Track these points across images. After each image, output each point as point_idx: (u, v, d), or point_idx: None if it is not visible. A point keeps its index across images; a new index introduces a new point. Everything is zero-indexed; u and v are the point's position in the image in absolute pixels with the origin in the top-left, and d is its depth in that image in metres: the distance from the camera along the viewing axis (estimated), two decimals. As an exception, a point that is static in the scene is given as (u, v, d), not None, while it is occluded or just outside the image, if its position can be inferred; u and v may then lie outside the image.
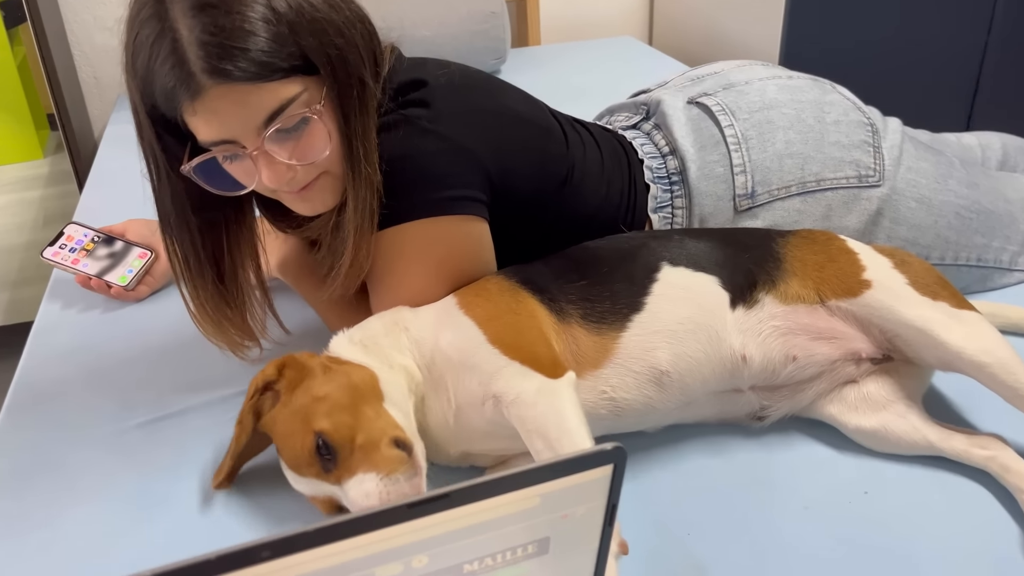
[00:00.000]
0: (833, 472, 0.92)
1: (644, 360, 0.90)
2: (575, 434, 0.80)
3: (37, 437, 1.03)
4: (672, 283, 0.94)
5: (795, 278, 0.97)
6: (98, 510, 0.92)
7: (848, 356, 0.95)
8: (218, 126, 0.85)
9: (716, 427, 0.98)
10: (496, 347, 0.87)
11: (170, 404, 1.06)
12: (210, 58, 0.81)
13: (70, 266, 1.28)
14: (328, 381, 0.86)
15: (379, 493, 0.80)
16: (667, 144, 1.16)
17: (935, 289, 0.95)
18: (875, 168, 1.13)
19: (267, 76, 0.83)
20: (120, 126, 2.04)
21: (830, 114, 1.15)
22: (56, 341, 1.23)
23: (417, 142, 0.93)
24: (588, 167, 1.09)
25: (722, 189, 1.12)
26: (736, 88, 1.19)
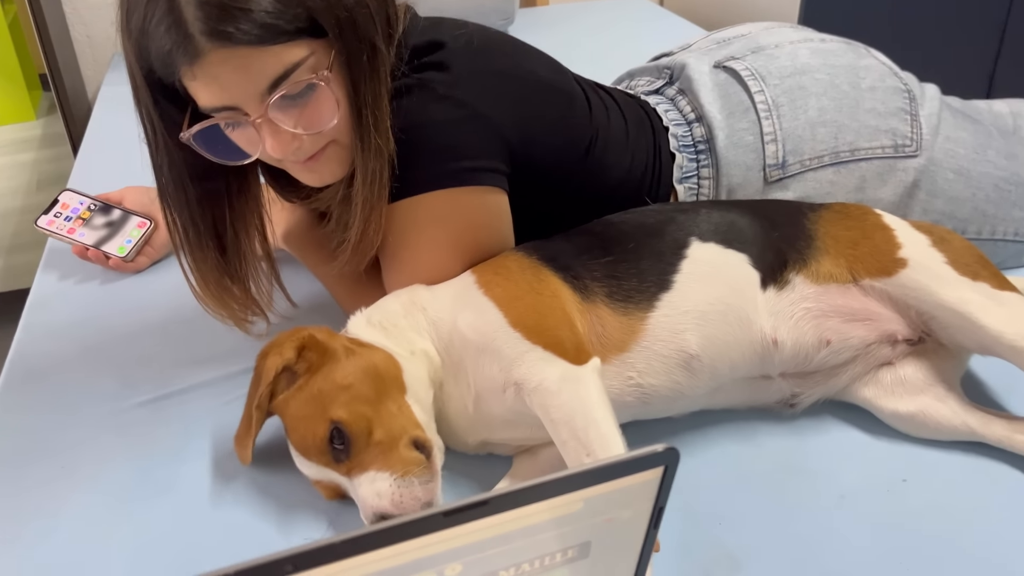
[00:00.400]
0: (869, 459, 0.88)
1: (673, 343, 0.86)
2: (602, 424, 0.77)
3: (33, 417, 0.99)
4: (702, 260, 0.90)
5: (827, 256, 0.92)
6: (97, 495, 0.88)
7: (884, 338, 0.91)
8: (219, 92, 0.80)
9: (745, 412, 0.94)
10: (517, 330, 0.82)
11: (173, 382, 1.02)
12: (209, 19, 0.75)
13: (66, 235, 1.24)
14: (351, 367, 0.81)
15: (391, 494, 0.76)
16: (693, 110, 1.10)
17: (975, 269, 0.90)
18: (912, 137, 1.07)
19: (271, 39, 0.77)
20: (115, 87, 1.97)
21: (865, 80, 1.10)
22: (52, 314, 1.18)
23: (433, 109, 0.88)
24: (612, 135, 1.04)
25: (751, 159, 1.06)
26: (766, 52, 1.13)
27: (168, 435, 0.95)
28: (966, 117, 1.13)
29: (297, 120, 0.83)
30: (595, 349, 0.84)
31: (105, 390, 1.02)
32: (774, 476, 0.87)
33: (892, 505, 0.83)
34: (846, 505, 0.83)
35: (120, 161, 1.41)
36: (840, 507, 0.83)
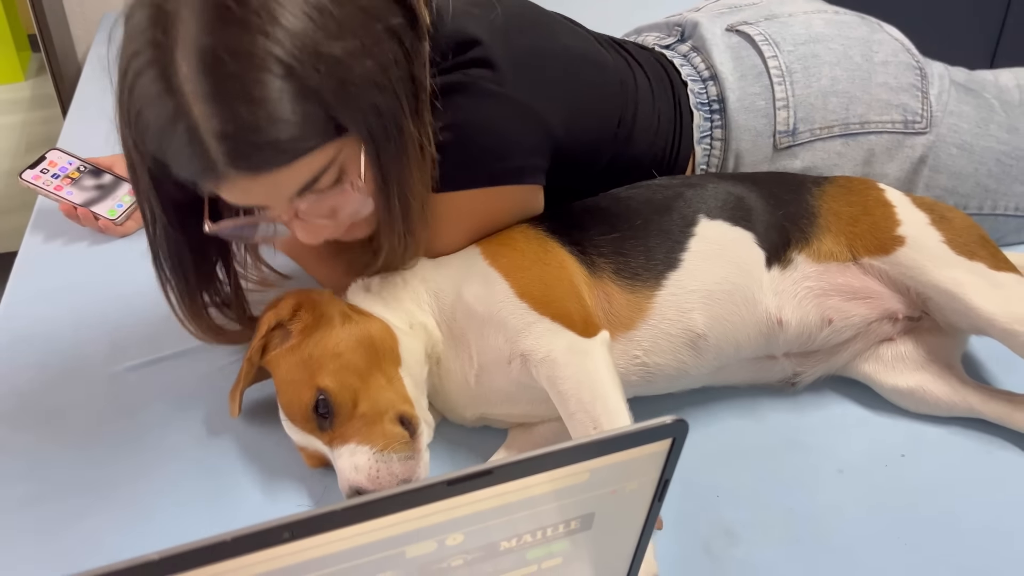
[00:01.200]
0: (868, 434, 0.88)
1: (680, 322, 0.84)
2: (610, 397, 0.75)
3: (23, 380, 0.97)
4: (709, 238, 0.88)
5: (828, 234, 0.91)
6: (87, 459, 0.87)
7: (884, 316, 0.90)
8: (245, 199, 0.77)
9: (747, 387, 0.93)
10: (524, 301, 0.81)
11: (164, 346, 1.00)
12: (234, 154, 0.70)
13: (52, 192, 1.21)
14: (345, 334, 0.80)
15: (368, 469, 0.75)
16: (707, 68, 1.08)
17: (973, 248, 0.88)
18: (922, 115, 1.06)
19: (297, 156, 0.72)
20: (104, 47, 1.93)
21: (878, 54, 1.08)
22: (40, 277, 1.16)
23: (485, 108, 0.84)
24: (641, 98, 1.01)
25: (762, 124, 1.05)
26: (779, 19, 1.11)
27: (159, 399, 0.93)
28: (968, 91, 1.11)
29: (327, 211, 0.80)
30: (602, 326, 0.83)
31: (95, 354, 1.00)
32: (773, 450, 0.86)
33: (890, 480, 0.82)
34: (844, 479, 0.82)
35: (109, 123, 1.39)
36: (838, 481, 0.82)
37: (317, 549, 0.45)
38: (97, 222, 1.20)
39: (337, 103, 0.71)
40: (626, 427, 0.48)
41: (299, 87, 0.69)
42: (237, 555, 0.42)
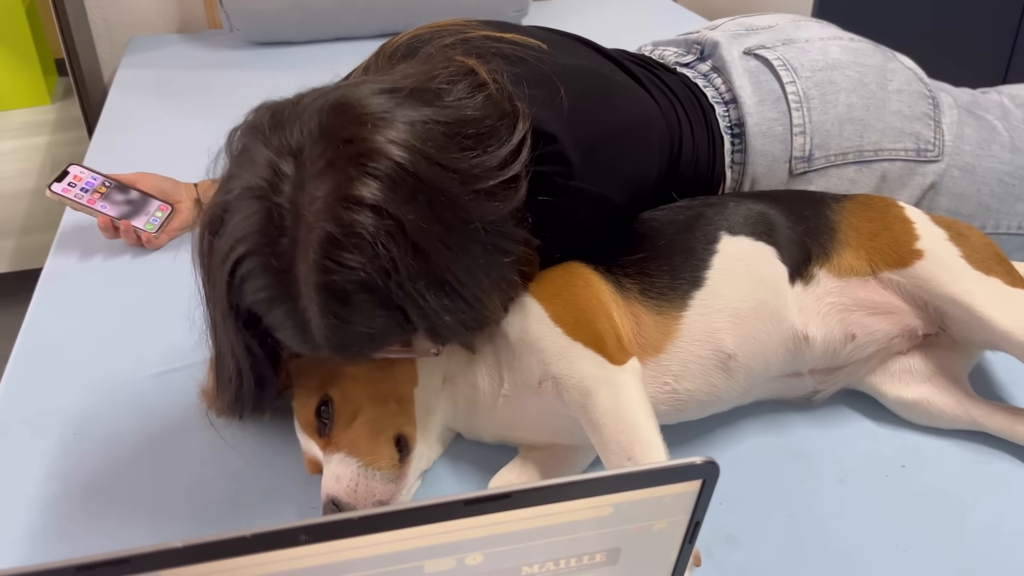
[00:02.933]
0: (870, 444, 0.89)
1: (709, 343, 0.84)
2: (644, 428, 0.76)
3: (45, 387, 1.00)
4: (732, 255, 0.89)
5: (848, 248, 0.92)
6: (108, 462, 0.89)
7: (905, 332, 0.91)
8: None
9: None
10: (559, 325, 0.81)
11: (183, 356, 1.03)
12: (332, 342, 0.72)
13: (86, 205, 1.23)
14: None
15: (349, 480, 0.77)
16: (727, 91, 1.09)
17: (989, 264, 0.89)
18: (935, 143, 1.08)
19: (378, 349, 0.76)
20: (131, 70, 1.98)
21: (892, 82, 1.10)
22: (64, 290, 1.19)
23: (560, 200, 0.85)
24: (684, 136, 1.03)
25: (779, 149, 1.06)
26: (797, 45, 1.12)
27: (178, 406, 0.96)
28: (971, 114, 1.13)
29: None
30: (633, 351, 0.83)
31: (116, 362, 1.03)
32: (775, 459, 0.87)
33: (891, 490, 0.84)
34: (845, 488, 0.84)
35: (135, 143, 1.44)
36: (839, 490, 0.84)
37: (333, 555, 0.46)
38: (137, 236, 1.23)
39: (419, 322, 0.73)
40: (652, 464, 0.47)
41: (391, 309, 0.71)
42: (254, 551, 0.44)
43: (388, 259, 0.68)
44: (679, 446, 0.89)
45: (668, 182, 1.00)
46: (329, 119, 0.71)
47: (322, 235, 0.68)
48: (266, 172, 0.70)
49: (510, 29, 0.99)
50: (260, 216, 0.70)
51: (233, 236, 0.71)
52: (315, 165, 0.69)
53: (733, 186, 1.08)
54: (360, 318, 0.71)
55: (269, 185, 0.70)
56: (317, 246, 0.68)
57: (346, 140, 0.70)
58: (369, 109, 0.72)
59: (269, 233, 0.70)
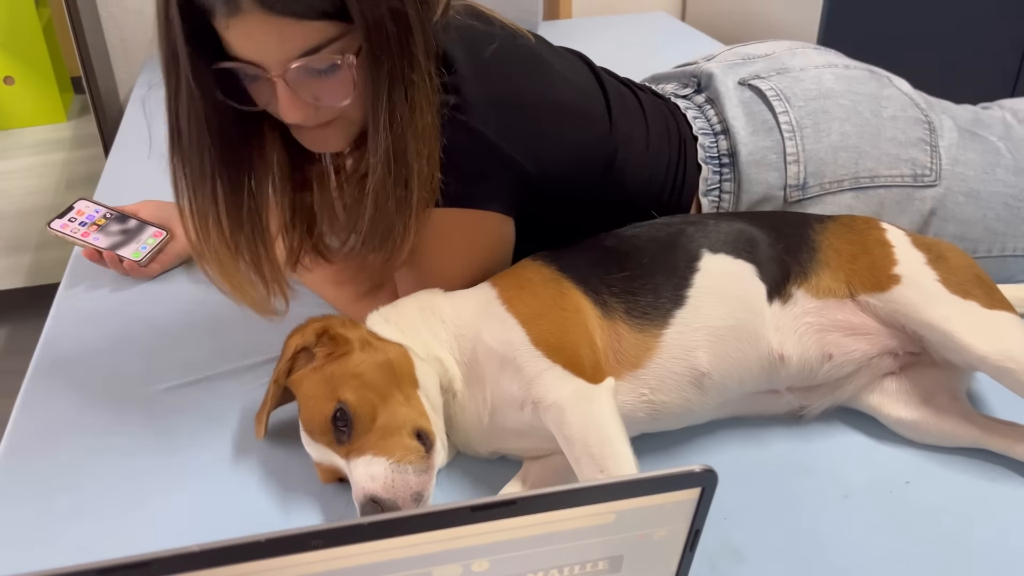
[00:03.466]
0: (874, 461, 0.90)
1: (685, 361, 0.87)
2: (616, 442, 0.77)
3: (63, 400, 1.02)
4: (713, 272, 0.90)
5: (827, 269, 0.93)
6: (124, 473, 0.91)
7: (884, 351, 0.92)
8: (249, 49, 0.82)
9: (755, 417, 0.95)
10: (539, 348, 0.83)
11: (197, 370, 1.05)
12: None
13: (79, 239, 1.24)
14: (366, 356, 0.84)
15: (384, 478, 0.78)
16: (720, 122, 1.11)
17: (967, 287, 0.90)
18: (931, 167, 1.08)
19: (309, 15, 0.79)
20: (146, 89, 2.02)
21: (887, 109, 1.11)
22: (81, 306, 1.21)
23: (456, 136, 0.88)
24: (633, 146, 1.04)
25: (773, 177, 1.08)
26: (791, 74, 1.14)
27: (192, 418, 0.98)
28: (974, 136, 1.14)
29: (314, 92, 0.84)
30: (610, 365, 0.85)
31: (131, 376, 1.05)
32: (780, 475, 0.88)
33: (895, 506, 0.84)
34: (849, 504, 0.85)
35: (149, 162, 1.45)
36: (843, 506, 0.84)
37: (344, 560, 0.47)
38: (122, 264, 1.23)
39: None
40: (653, 472, 0.49)
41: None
42: (268, 556, 0.46)
43: None
44: (683, 461, 0.90)
45: (613, 192, 1.02)
46: None
47: None
48: None
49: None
50: None
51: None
52: None
53: (724, 210, 1.10)
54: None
55: None
56: None
57: None
58: None
59: None
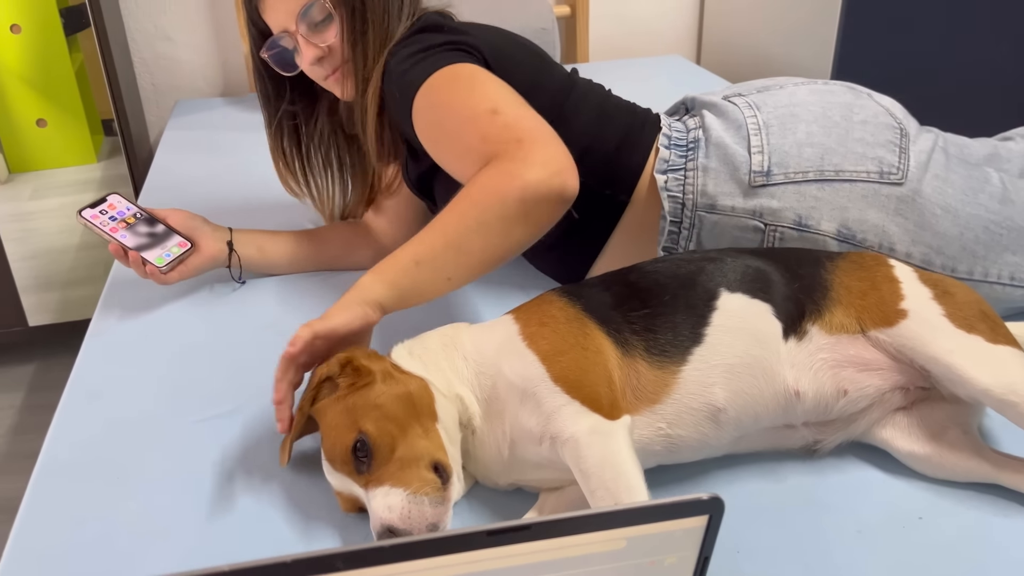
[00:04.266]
0: (887, 496, 0.91)
1: (702, 396, 0.89)
2: (631, 476, 0.79)
3: (93, 431, 1.05)
4: (730, 311, 0.92)
5: (839, 306, 0.95)
6: (153, 503, 0.94)
7: (897, 386, 0.93)
8: (275, 18, 1.22)
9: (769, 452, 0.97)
10: (558, 385, 0.85)
11: (223, 403, 1.08)
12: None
13: (107, 232, 1.26)
14: (387, 388, 0.87)
15: (401, 508, 0.80)
16: (697, 124, 1.20)
17: (972, 322, 0.91)
18: (899, 167, 1.12)
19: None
20: (176, 131, 2.09)
21: (858, 115, 1.15)
22: (111, 341, 1.25)
23: (414, 43, 1.14)
24: (586, 97, 1.22)
25: (738, 161, 1.13)
26: (769, 91, 1.22)
27: (220, 450, 1.01)
28: (962, 162, 1.17)
29: (318, 37, 1.20)
30: (628, 400, 0.87)
31: (160, 409, 1.08)
32: (793, 510, 0.89)
33: (908, 541, 0.85)
34: (863, 539, 0.85)
35: (179, 200, 1.51)
36: (856, 541, 0.85)
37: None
38: (144, 267, 1.25)
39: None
40: (662, 499, 0.50)
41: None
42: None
43: None
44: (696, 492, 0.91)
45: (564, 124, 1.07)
46: None
47: None
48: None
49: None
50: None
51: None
52: None
53: (690, 192, 1.15)
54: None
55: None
56: None
57: None
58: None
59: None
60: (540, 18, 2.16)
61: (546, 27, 2.16)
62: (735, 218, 1.14)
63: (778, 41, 2.34)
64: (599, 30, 2.63)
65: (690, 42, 2.75)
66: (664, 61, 2.54)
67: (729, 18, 2.56)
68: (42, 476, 0.99)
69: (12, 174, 2.36)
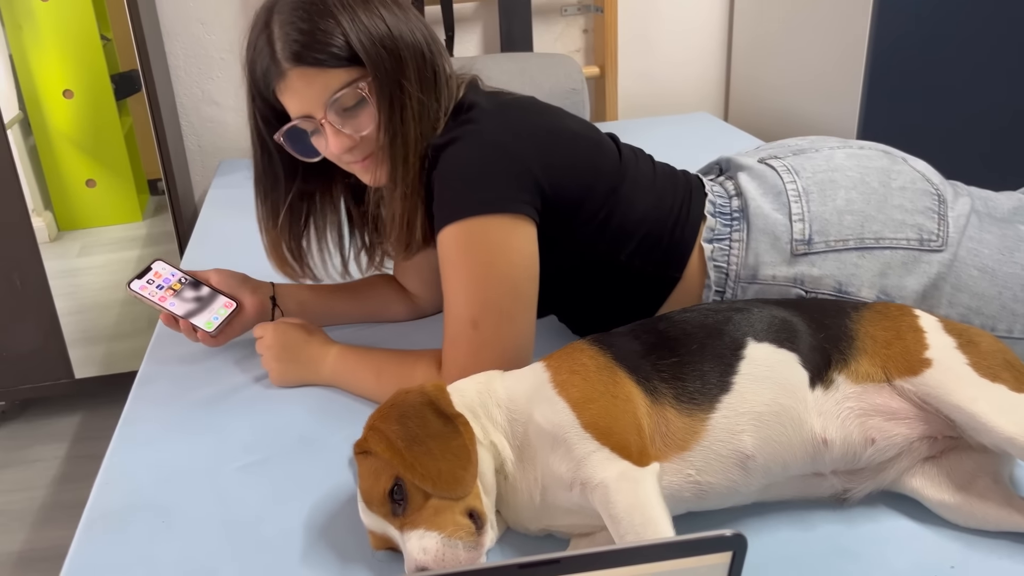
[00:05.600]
0: (918, 545, 0.91)
1: (730, 444, 0.90)
2: (659, 522, 0.80)
3: (139, 476, 1.09)
4: (757, 361, 0.94)
5: (865, 355, 0.96)
6: (195, 548, 0.97)
7: (925, 435, 0.94)
8: (298, 102, 1.11)
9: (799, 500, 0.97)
10: (588, 432, 0.87)
11: (262, 450, 1.12)
12: (288, 48, 1.07)
13: (156, 302, 1.30)
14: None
15: (435, 551, 0.82)
16: (735, 188, 1.21)
17: (996, 371, 0.92)
18: (938, 234, 1.13)
19: (330, 63, 1.07)
20: (221, 190, 2.17)
21: (896, 180, 1.17)
22: (156, 390, 1.30)
23: (463, 150, 1.08)
24: (639, 180, 1.18)
25: (780, 231, 1.14)
26: (805, 154, 1.23)
27: (257, 495, 1.04)
28: (996, 221, 1.18)
29: (350, 127, 1.11)
30: (657, 447, 0.89)
31: (203, 455, 1.12)
32: (823, 559, 0.90)
33: (940, 591, 0.85)
34: (894, 588, 0.86)
35: (223, 257, 1.57)
36: (888, 590, 0.85)
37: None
38: (195, 334, 1.30)
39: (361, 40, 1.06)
40: (687, 535, 0.52)
41: (341, 24, 1.06)
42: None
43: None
44: (729, 543, 0.92)
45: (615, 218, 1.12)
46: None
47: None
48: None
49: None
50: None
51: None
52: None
53: (735, 262, 1.16)
54: (311, 26, 1.06)
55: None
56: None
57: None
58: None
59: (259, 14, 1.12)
60: (570, 79, 2.23)
61: (576, 87, 2.22)
62: (776, 286, 1.16)
63: (804, 98, 2.38)
64: (627, 88, 2.69)
65: (717, 99, 2.81)
66: (692, 118, 2.59)
67: (755, 76, 2.62)
68: (89, 523, 1.02)
69: (61, 232, 2.45)
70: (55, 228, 2.41)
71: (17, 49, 2.19)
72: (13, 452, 2.20)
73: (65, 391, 2.26)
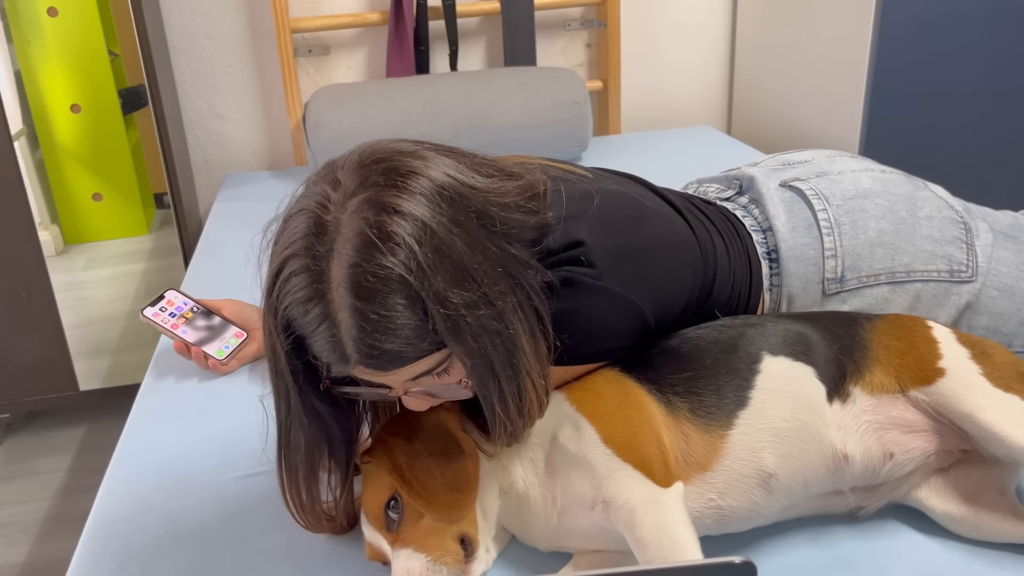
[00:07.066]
0: (921, 557, 0.91)
1: (752, 462, 0.89)
2: (687, 547, 0.80)
3: (143, 486, 1.10)
4: (774, 375, 0.93)
5: (879, 365, 0.96)
6: (197, 557, 0.97)
7: (942, 448, 0.93)
8: (368, 379, 0.85)
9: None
10: (610, 447, 0.86)
11: (264, 461, 1.12)
12: (361, 351, 0.79)
13: (169, 330, 1.33)
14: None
15: (420, 574, 0.82)
16: (764, 220, 1.17)
17: (1009, 382, 0.92)
18: (968, 264, 1.12)
19: (412, 361, 0.81)
20: (225, 203, 2.18)
21: (923, 209, 1.15)
22: (160, 403, 1.30)
23: (587, 299, 0.94)
24: (719, 262, 1.09)
25: (812, 271, 1.12)
26: (829, 176, 1.20)
27: (259, 506, 1.04)
28: (1008, 238, 1.17)
29: (433, 391, 0.88)
30: (680, 467, 0.88)
31: (206, 466, 1.12)
32: (826, 571, 0.89)
33: (945, 603, 0.85)
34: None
35: (226, 270, 1.58)
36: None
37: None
38: (206, 361, 1.32)
39: (448, 335, 0.79)
40: (694, 561, 0.52)
41: (421, 315, 0.78)
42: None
43: (420, 262, 0.76)
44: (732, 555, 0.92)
45: (705, 303, 1.06)
46: (373, 151, 0.83)
47: (357, 236, 0.77)
48: (316, 197, 0.81)
49: (562, 163, 1.10)
50: (305, 226, 0.80)
51: (282, 246, 0.81)
52: (355, 181, 0.80)
53: (772, 307, 1.14)
54: (388, 322, 0.77)
55: (317, 204, 0.80)
56: (352, 246, 0.77)
57: (387, 167, 0.81)
58: (406, 148, 0.85)
59: (310, 238, 0.79)
60: (573, 93, 2.24)
61: (579, 101, 2.23)
62: None
63: (807, 111, 2.38)
64: (630, 102, 2.70)
65: (720, 112, 2.81)
66: (695, 132, 2.60)
67: (758, 89, 2.62)
68: (92, 534, 1.02)
69: (67, 245, 2.46)
70: (61, 241, 2.43)
71: (25, 64, 2.21)
72: (18, 464, 2.20)
73: (70, 403, 2.27)
